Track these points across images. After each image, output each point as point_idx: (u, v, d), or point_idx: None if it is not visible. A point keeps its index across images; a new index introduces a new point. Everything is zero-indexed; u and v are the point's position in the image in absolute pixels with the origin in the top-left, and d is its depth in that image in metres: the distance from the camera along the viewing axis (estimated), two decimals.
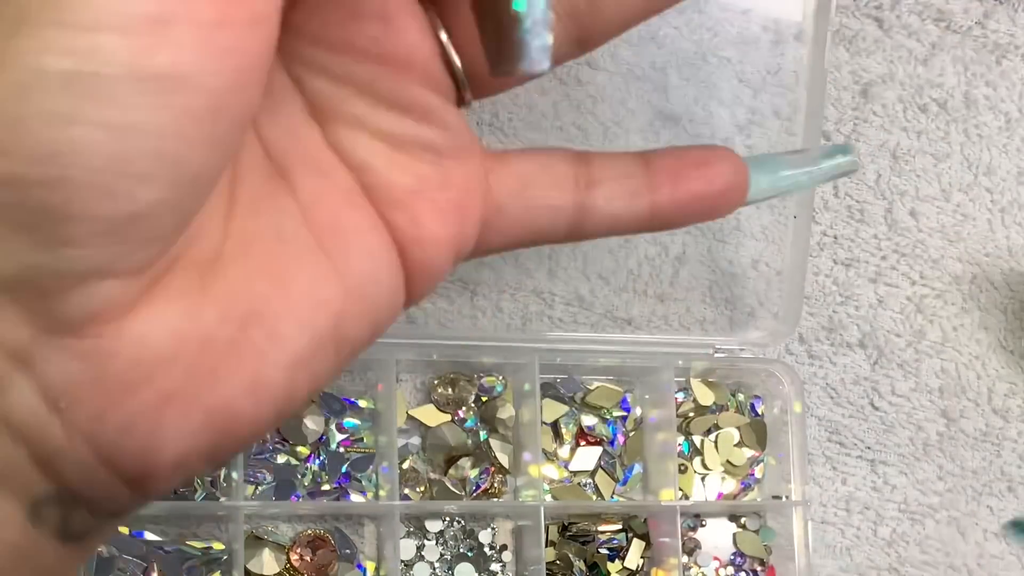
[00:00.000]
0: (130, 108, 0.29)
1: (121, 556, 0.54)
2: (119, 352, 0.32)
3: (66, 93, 0.29)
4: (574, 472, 0.62)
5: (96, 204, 0.30)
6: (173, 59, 0.29)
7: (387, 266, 0.38)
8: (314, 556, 0.57)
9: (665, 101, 0.65)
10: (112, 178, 0.30)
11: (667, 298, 0.65)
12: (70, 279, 0.31)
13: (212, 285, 0.34)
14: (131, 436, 0.33)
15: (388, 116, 0.37)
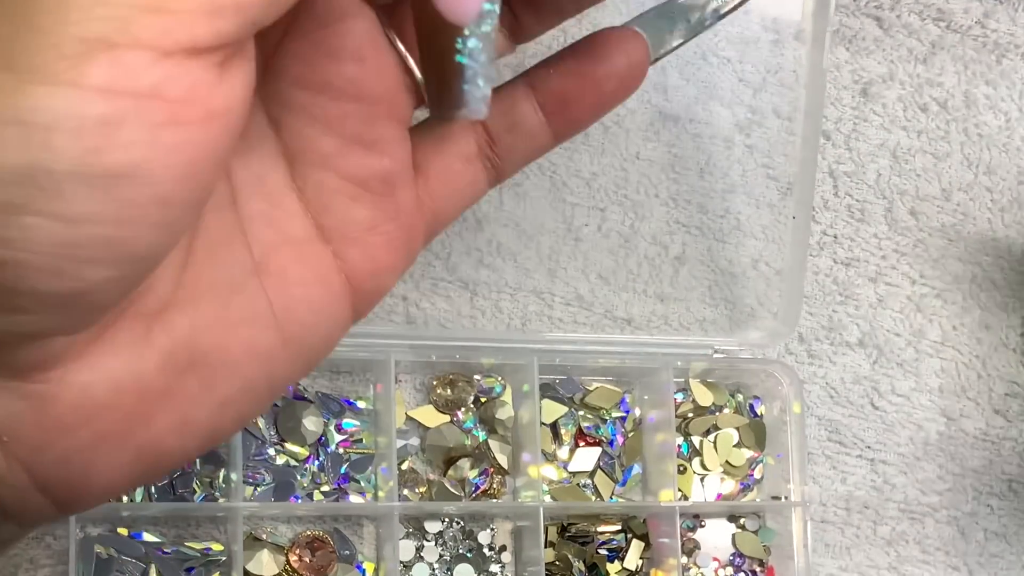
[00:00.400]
0: (79, 201, 0.31)
1: (120, 557, 0.55)
2: (61, 397, 0.35)
3: (20, 185, 0.30)
4: (573, 473, 0.62)
5: (44, 282, 0.32)
6: (122, 158, 0.31)
7: (330, 312, 0.40)
8: (313, 557, 0.57)
9: (665, 101, 0.65)
10: (60, 261, 0.31)
11: (667, 298, 0.65)
12: (19, 337, 0.33)
13: (157, 335, 0.37)
14: (66, 469, 0.36)
15: (355, 153, 0.39)
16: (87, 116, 0.30)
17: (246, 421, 0.42)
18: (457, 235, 0.61)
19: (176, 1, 0.31)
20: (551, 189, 0.63)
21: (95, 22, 0.30)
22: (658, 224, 0.65)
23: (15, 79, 0.30)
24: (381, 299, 0.42)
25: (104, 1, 0.30)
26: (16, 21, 0.30)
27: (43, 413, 0.35)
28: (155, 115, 0.31)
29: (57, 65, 0.30)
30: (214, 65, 0.32)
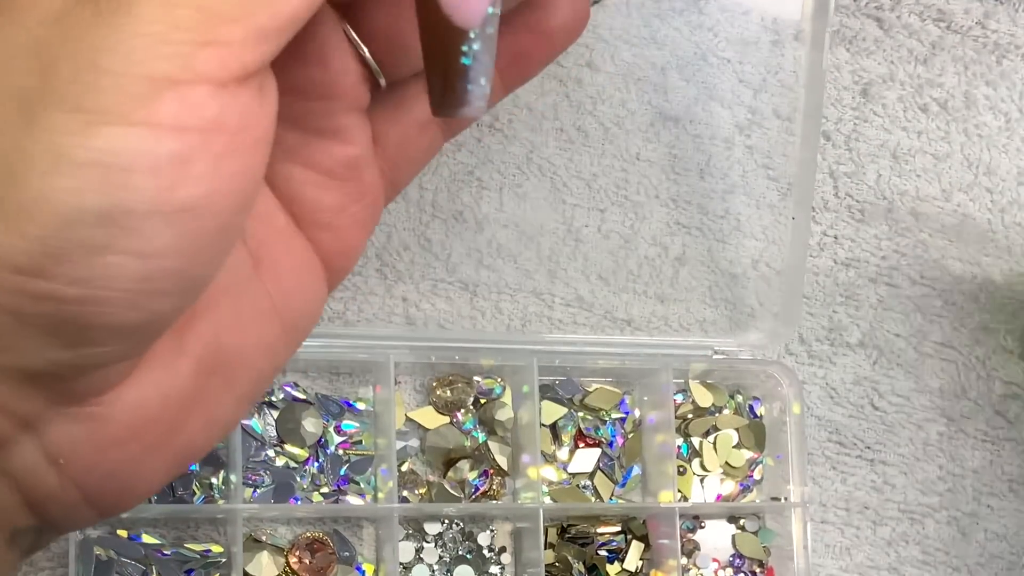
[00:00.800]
0: (156, 237, 0.32)
1: (119, 559, 0.55)
2: (114, 417, 0.36)
3: (102, 226, 0.31)
4: (573, 474, 0.62)
5: (120, 316, 0.33)
6: (193, 192, 0.32)
7: (316, 295, 0.42)
8: (313, 559, 0.57)
9: (665, 101, 0.65)
10: (136, 296, 0.33)
11: (667, 299, 0.65)
12: (86, 369, 0.34)
13: (190, 344, 0.38)
14: (114, 481, 0.38)
15: (318, 145, 0.40)
16: (161, 154, 0.31)
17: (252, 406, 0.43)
18: (457, 236, 0.61)
19: (229, 32, 0.32)
20: (551, 190, 0.63)
21: (159, 60, 0.31)
22: (658, 225, 0.65)
23: (85, 120, 0.31)
24: (348, 272, 0.43)
25: (165, 39, 0.31)
26: (78, 61, 0.31)
27: (98, 434, 0.36)
28: (218, 147, 0.32)
29: (127, 105, 0.31)
30: (257, 89, 0.34)
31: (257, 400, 0.43)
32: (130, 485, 0.38)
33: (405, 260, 0.60)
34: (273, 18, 0.33)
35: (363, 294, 0.60)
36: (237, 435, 0.55)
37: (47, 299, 0.32)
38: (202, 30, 0.31)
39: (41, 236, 0.31)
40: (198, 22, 0.31)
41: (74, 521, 0.38)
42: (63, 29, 0.31)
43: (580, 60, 0.63)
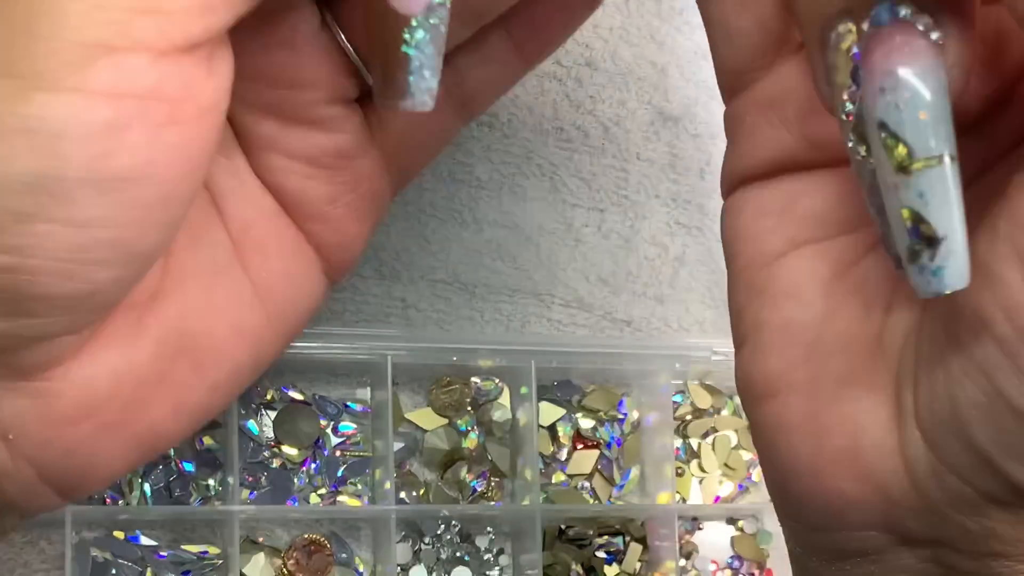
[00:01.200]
0: (89, 206, 0.31)
1: (116, 560, 0.54)
2: (64, 392, 0.36)
3: (31, 194, 0.31)
4: (571, 475, 0.62)
5: (56, 287, 0.32)
6: (128, 161, 0.31)
7: (308, 286, 0.42)
8: (310, 560, 0.57)
9: (665, 101, 0.65)
10: (72, 265, 0.32)
11: (666, 299, 0.65)
12: (27, 341, 0.34)
13: (149, 323, 0.38)
14: (69, 460, 0.37)
15: (298, 134, 0.39)
16: (94, 122, 0.31)
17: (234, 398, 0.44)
18: (456, 236, 0.61)
19: (170, 1, 0.31)
20: (551, 190, 0.63)
21: (94, 27, 0.30)
22: (658, 225, 0.65)
23: (16, 85, 0.30)
24: (355, 264, 0.43)
25: (102, 5, 0.31)
26: (13, 26, 0.31)
27: (47, 409, 0.36)
28: (157, 116, 0.32)
29: (60, 71, 0.30)
30: (203, 60, 0.33)
31: (238, 390, 0.42)
32: (89, 466, 0.38)
33: (403, 260, 0.60)
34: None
35: (361, 294, 0.60)
36: (234, 436, 0.55)
37: None
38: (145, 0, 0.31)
39: None
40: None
41: (34, 502, 0.38)
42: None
43: (580, 60, 0.63)
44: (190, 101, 0.33)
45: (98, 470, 0.39)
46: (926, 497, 0.35)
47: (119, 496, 0.55)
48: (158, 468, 0.55)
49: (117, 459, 0.39)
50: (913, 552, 0.36)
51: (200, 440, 0.56)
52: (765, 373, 0.38)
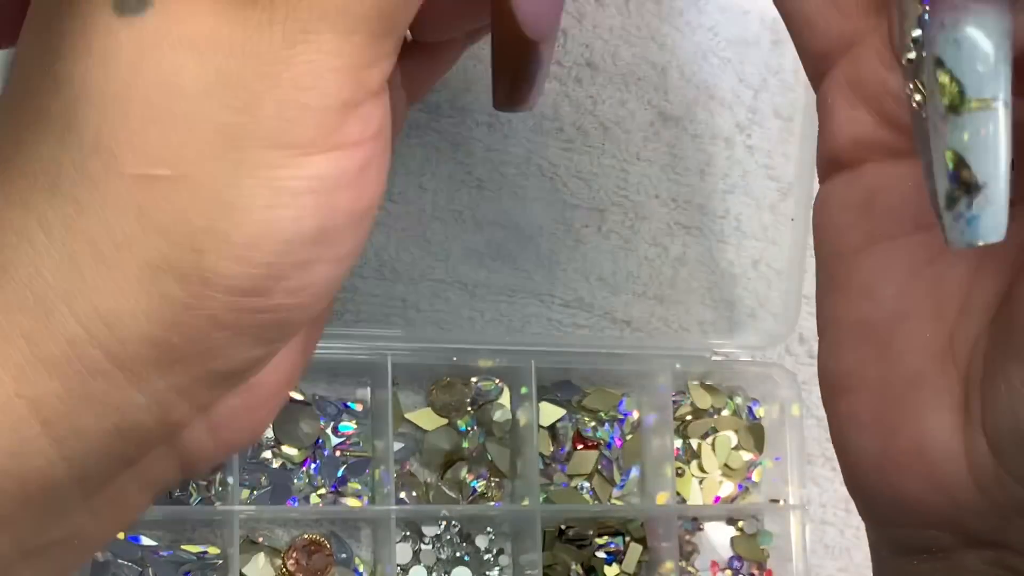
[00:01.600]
0: (348, 243, 0.35)
1: (116, 560, 0.55)
2: (266, 382, 0.39)
3: (313, 244, 0.34)
4: (571, 476, 0.62)
5: (312, 311, 0.36)
6: (370, 195, 0.35)
7: None
8: (310, 560, 0.57)
9: (665, 101, 0.65)
10: (329, 293, 0.36)
11: (666, 300, 0.65)
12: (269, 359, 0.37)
13: None
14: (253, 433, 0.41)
15: None
16: (354, 170, 0.34)
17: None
18: (456, 236, 0.61)
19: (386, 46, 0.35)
20: (551, 190, 0.63)
21: (346, 90, 0.34)
22: (658, 225, 0.65)
23: (293, 153, 0.34)
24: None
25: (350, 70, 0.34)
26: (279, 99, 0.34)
27: (252, 400, 0.39)
28: (383, 145, 0.36)
29: (326, 134, 0.34)
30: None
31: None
32: (259, 432, 0.42)
33: (404, 260, 0.60)
34: (407, 18, 0.35)
35: (361, 295, 0.60)
36: None
37: (264, 312, 0.35)
38: (370, 52, 0.34)
39: (267, 262, 0.34)
40: (368, 46, 0.34)
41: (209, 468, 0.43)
42: (258, 64, 0.34)
43: (580, 60, 0.63)
44: (390, 117, 0.36)
45: (261, 433, 0.42)
46: (990, 501, 0.35)
47: None
48: None
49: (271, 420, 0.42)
50: (978, 553, 0.37)
51: None
52: (838, 369, 0.39)
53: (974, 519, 0.36)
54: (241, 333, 0.35)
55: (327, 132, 0.34)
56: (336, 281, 0.36)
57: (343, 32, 0.34)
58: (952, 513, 0.37)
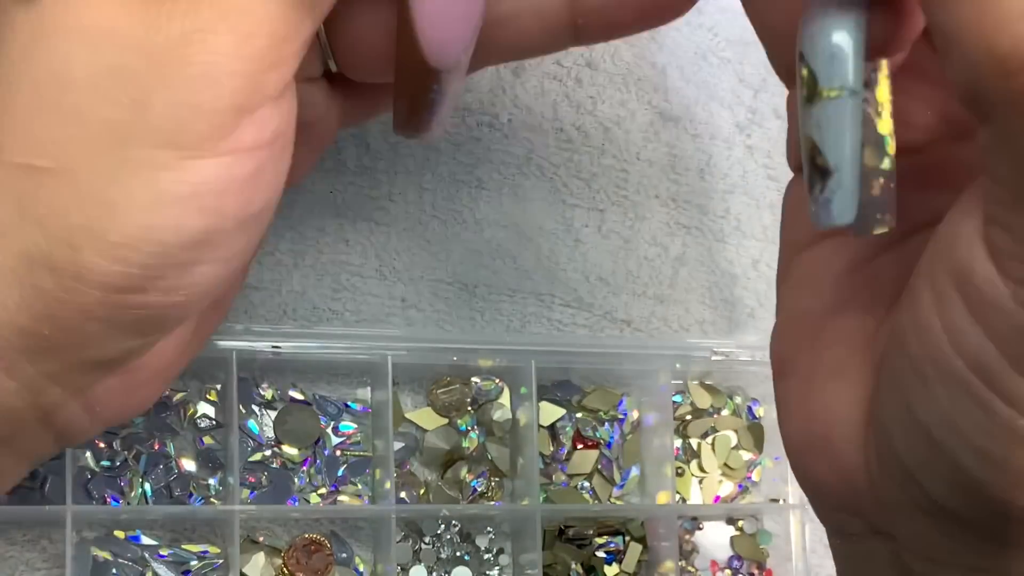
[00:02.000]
0: (235, 245, 0.35)
1: (116, 560, 0.55)
2: (146, 365, 0.39)
3: (197, 247, 0.34)
4: (571, 475, 0.62)
5: (193, 309, 0.37)
6: (264, 198, 0.36)
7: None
8: (310, 560, 0.57)
9: (665, 102, 0.65)
10: (211, 292, 0.36)
11: (666, 299, 0.65)
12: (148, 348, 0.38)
13: None
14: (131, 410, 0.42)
15: None
16: (243, 175, 0.34)
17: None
18: (456, 236, 0.61)
19: (288, 50, 0.35)
20: (550, 190, 0.63)
21: (241, 94, 0.34)
22: (658, 225, 0.65)
23: (180, 155, 0.33)
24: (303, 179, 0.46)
25: (248, 74, 0.34)
26: (171, 99, 0.33)
27: (131, 381, 0.40)
28: (278, 151, 0.36)
29: (215, 138, 0.34)
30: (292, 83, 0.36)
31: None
32: (138, 410, 0.43)
33: (404, 260, 0.60)
34: (313, 26, 0.35)
35: (361, 294, 0.60)
36: (234, 436, 0.55)
37: (139, 308, 0.35)
38: (270, 56, 0.34)
39: (143, 263, 0.34)
40: (268, 49, 0.34)
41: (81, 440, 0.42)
42: (150, 61, 0.33)
43: (580, 60, 0.63)
44: (292, 124, 0.36)
45: (141, 410, 0.44)
46: (877, 495, 0.36)
47: (119, 496, 0.55)
48: (158, 468, 0.55)
49: (156, 397, 0.43)
50: (883, 542, 0.37)
51: (200, 440, 0.57)
52: (779, 354, 0.40)
53: (870, 509, 0.37)
54: (114, 327, 0.35)
55: (218, 136, 0.33)
56: (222, 280, 0.36)
57: (243, 34, 0.33)
58: (853, 501, 0.37)
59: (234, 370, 0.56)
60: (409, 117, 0.38)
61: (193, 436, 0.57)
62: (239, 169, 0.34)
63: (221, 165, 0.34)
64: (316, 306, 0.59)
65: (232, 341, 0.55)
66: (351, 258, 0.60)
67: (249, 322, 0.57)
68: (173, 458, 0.56)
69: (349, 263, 0.60)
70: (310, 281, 0.59)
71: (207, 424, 0.57)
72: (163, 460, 0.55)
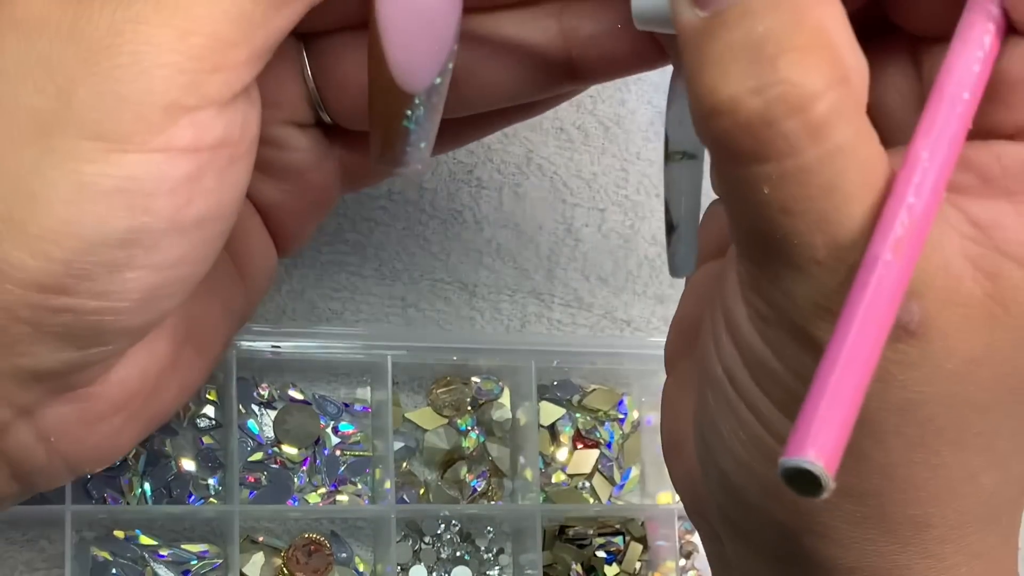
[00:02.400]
0: (171, 251, 0.34)
1: (116, 560, 0.54)
2: (102, 395, 0.38)
3: (124, 247, 0.33)
4: (571, 475, 0.62)
5: (131, 320, 0.35)
6: (204, 205, 0.34)
7: (272, 257, 0.44)
8: (310, 560, 0.57)
9: (665, 101, 0.65)
10: (150, 302, 0.35)
11: (666, 299, 0.65)
12: (90, 365, 0.36)
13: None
14: (97, 451, 0.40)
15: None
16: (177, 176, 0.33)
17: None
18: (456, 236, 0.61)
19: (235, 55, 0.33)
20: (551, 190, 0.63)
21: (175, 90, 0.33)
22: (658, 225, 0.65)
23: (106, 148, 0.32)
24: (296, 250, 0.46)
25: (182, 69, 0.33)
26: (98, 88, 0.32)
27: (87, 412, 0.38)
28: (224, 160, 0.34)
29: (146, 133, 0.32)
30: (247, 98, 0.35)
31: (220, 359, 0.46)
32: (111, 451, 0.41)
33: (404, 260, 0.60)
34: (267, 38, 0.34)
35: (361, 294, 0.60)
36: (234, 436, 0.55)
37: (67, 312, 0.33)
38: (212, 57, 0.33)
39: (65, 259, 0.33)
40: (209, 50, 0.33)
41: (51, 483, 0.40)
42: (80, 49, 0.32)
43: None
44: (244, 139, 0.35)
45: (116, 453, 0.41)
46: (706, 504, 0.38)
47: (119, 496, 0.55)
48: (158, 468, 0.55)
49: (133, 440, 0.41)
50: (733, 547, 0.38)
51: (200, 440, 0.56)
52: (666, 353, 0.44)
53: (713, 517, 0.38)
54: (42, 331, 0.34)
55: (147, 130, 0.32)
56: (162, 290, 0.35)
57: (178, 29, 0.32)
58: (699, 505, 0.39)
59: (234, 370, 0.56)
60: (384, 148, 0.37)
61: (193, 436, 0.57)
62: (172, 169, 0.33)
63: (151, 162, 0.32)
64: (316, 306, 0.59)
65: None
66: (351, 258, 0.60)
67: (249, 322, 0.57)
68: (173, 458, 0.56)
69: (349, 263, 0.60)
70: (310, 281, 0.59)
71: (207, 424, 0.57)
72: (163, 460, 0.55)
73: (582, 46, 0.40)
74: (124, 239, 0.33)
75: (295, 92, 0.40)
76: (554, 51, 0.40)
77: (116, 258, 0.33)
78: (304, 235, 0.45)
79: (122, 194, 0.32)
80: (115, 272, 0.33)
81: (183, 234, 0.34)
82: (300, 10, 0.35)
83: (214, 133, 0.34)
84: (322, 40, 0.40)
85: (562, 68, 0.41)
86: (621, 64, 0.42)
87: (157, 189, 0.33)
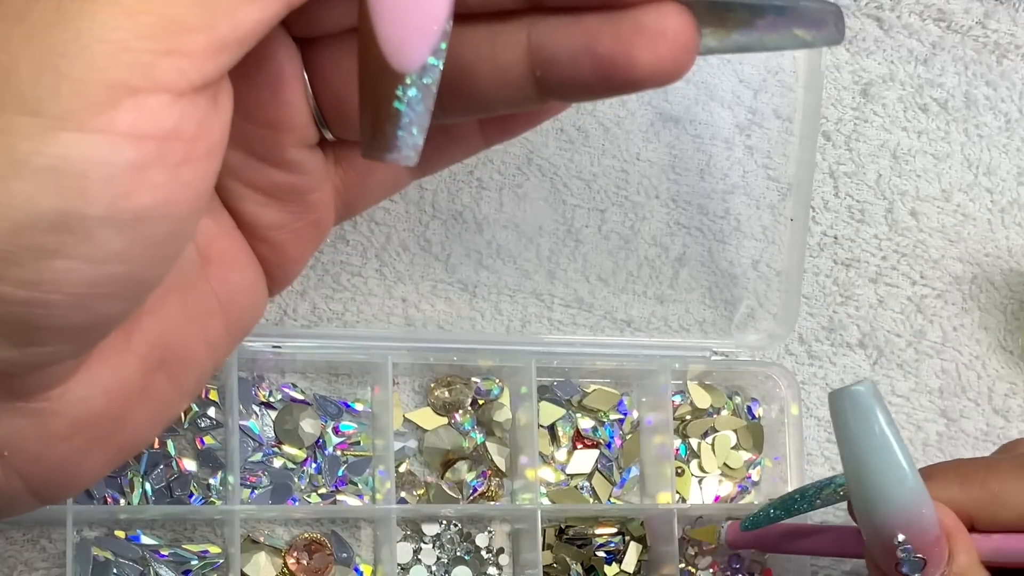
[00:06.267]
0: (108, 244, 0.32)
1: (117, 560, 0.55)
2: (61, 411, 0.37)
3: (54, 232, 0.31)
4: (571, 475, 0.62)
5: (68, 319, 0.33)
6: (148, 200, 0.32)
7: (260, 295, 0.43)
8: (310, 560, 0.57)
9: (665, 101, 0.65)
10: (84, 299, 0.33)
11: (666, 300, 0.65)
12: (33, 367, 0.35)
13: (136, 341, 0.39)
14: (59, 473, 0.38)
15: (260, 169, 0.40)
16: (117, 162, 0.31)
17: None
18: (456, 237, 0.61)
19: (191, 41, 0.32)
20: (551, 190, 0.63)
21: (120, 68, 0.31)
22: (658, 225, 0.65)
23: (42, 124, 0.31)
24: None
25: (127, 47, 0.31)
26: (38, 64, 0.31)
27: (43, 428, 0.37)
28: (175, 155, 0.32)
29: (86, 112, 0.31)
30: (212, 98, 0.34)
31: (197, 393, 0.45)
32: (74, 476, 0.39)
33: (404, 261, 0.60)
34: (234, 29, 0.33)
35: (362, 295, 0.60)
36: (234, 436, 0.55)
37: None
38: (164, 39, 0.31)
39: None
40: (161, 30, 0.31)
41: (13, 508, 0.39)
42: (26, 28, 0.31)
43: None
44: (203, 139, 0.33)
45: (81, 479, 0.40)
46: None
47: (120, 496, 0.55)
48: (159, 468, 0.55)
49: (100, 468, 0.40)
50: None
51: (201, 440, 0.57)
52: None
53: None
54: None
55: (85, 109, 0.31)
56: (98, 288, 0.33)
57: (127, 8, 0.31)
58: None
59: (234, 370, 0.56)
60: (374, 130, 0.35)
61: (193, 436, 0.57)
62: (112, 154, 0.31)
63: (88, 143, 0.31)
64: (316, 306, 0.59)
65: None
66: (351, 258, 0.60)
67: None
68: (173, 458, 0.56)
69: (349, 263, 0.60)
70: (310, 281, 0.59)
71: (207, 424, 0.57)
72: (163, 460, 0.56)
73: (543, 65, 0.39)
74: (54, 222, 0.31)
75: (304, 112, 0.40)
76: (522, 68, 0.39)
77: (45, 243, 0.31)
78: (301, 262, 0.44)
79: (54, 173, 0.31)
80: (43, 259, 0.32)
81: (121, 228, 0.32)
82: (277, 8, 0.34)
83: (164, 123, 0.32)
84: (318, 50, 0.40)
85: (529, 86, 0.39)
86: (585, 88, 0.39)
87: (93, 173, 0.31)
